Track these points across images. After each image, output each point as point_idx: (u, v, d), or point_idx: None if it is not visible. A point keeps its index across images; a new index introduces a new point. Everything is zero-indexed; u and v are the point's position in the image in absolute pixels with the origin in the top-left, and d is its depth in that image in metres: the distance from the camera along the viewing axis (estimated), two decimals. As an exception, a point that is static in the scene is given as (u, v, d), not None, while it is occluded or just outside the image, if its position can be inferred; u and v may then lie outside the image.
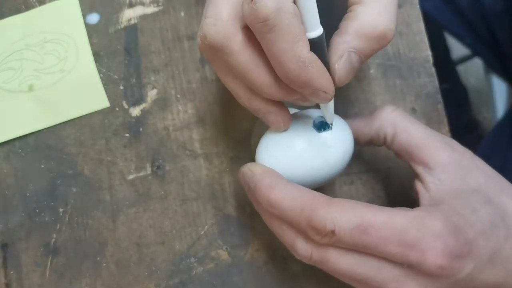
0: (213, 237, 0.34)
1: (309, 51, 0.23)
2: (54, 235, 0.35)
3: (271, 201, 0.26)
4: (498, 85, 0.90)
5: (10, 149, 0.36)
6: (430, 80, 0.36)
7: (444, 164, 0.27)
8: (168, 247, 0.34)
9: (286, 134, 0.28)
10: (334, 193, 0.35)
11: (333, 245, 0.25)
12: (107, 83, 0.37)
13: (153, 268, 0.34)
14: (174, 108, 0.36)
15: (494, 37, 0.62)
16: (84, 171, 0.36)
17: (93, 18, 0.38)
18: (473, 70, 1.07)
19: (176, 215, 0.35)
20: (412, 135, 0.28)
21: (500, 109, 0.88)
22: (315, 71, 0.23)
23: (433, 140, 0.28)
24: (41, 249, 0.35)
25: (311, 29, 0.24)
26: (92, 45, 0.37)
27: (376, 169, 0.35)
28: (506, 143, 0.59)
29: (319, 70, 0.24)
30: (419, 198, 0.28)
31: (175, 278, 0.34)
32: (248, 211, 0.35)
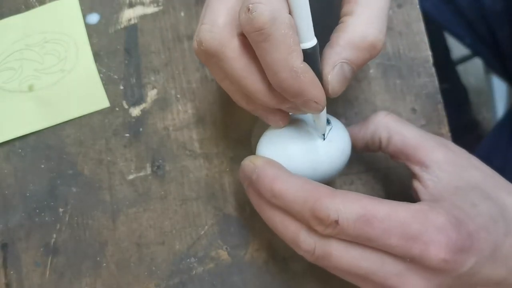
0: (213, 237, 0.34)
1: (302, 61, 0.23)
2: (54, 235, 0.35)
3: (275, 192, 0.26)
4: (498, 85, 0.90)
5: (10, 149, 0.36)
6: (430, 80, 0.36)
7: (440, 162, 0.28)
8: (168, 247, 0.34)
9: (288, 130, 0.29)
10: (334, 193, 0.35)
11: (336, 237, 0.25)
12: (107, 83, 0.37)
13: (153, 268, 0.34)
14: (174, 108, 0.36)
15: (494, 37, 0.62)
16: (84, 171, 0.36)
17: (93, 18, 0.38)
18: (473, 70, 1.07)
19: (176, 215, 0.35)
20: (406, 137, 0.29)
21: (500, 109, 0.88)
22: (307, 82, 0.24)
23: (428, 140, 0.29)
24: (41, 249, 0.35)
25: (305, 40, 0.24)
26: (92, 45, 0.37)
27: (376, 169, 0.35)
28: (506, 143, 0.59)
29: (311, 80, 0.24)
30: (418, 196, 0.28)
31: (175, 278, 0.34)
32: (248, 211, 0.35)
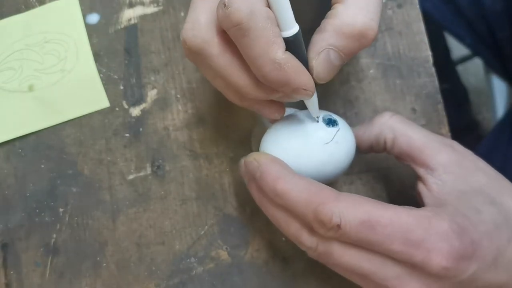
0: (213, 237, 0.34)
1: (284, 52, 0.23)
2: (54, 235, 0.35)
3: (278, 191, 0.26)
4: (498, 85, 0.89)
5: (10, 149, 0.36)
6: (430, 80, 0.36)
7: (446, 165, 0.27)
8: (168, 247, 0.34)
9: (294, 127, 0.29)
10: (334, 193, 0.35)
11: (338, 239, 0.25)
12: (107, 83, 0.37)
13: (153, 268, 0.34)
14: (174, 108, 0.36)
15: (494, 37, 0.62)
16: (84, 171, 0.36)
17: (93, 18, 0.38)
18: (473, 70, 1.07)
19: (176, 215, 0.35)
20: (412, 138, 0.29)
21: (500, 109, 0.88)
22: (291, 71, 0.24)
23: (433, 141, 0.28)
24: (41, 249, 0.35)
25: (286, 28, 0.24)
26: (92, 45, 0.37)
27: (376, 169, 0.35)
28: (506, 143, 0.59)
29: (295, 69, 0.24)
30: (422, 200, 0.28)
31: (175, 278, 0.34)
32: (248, 211, 0.35)
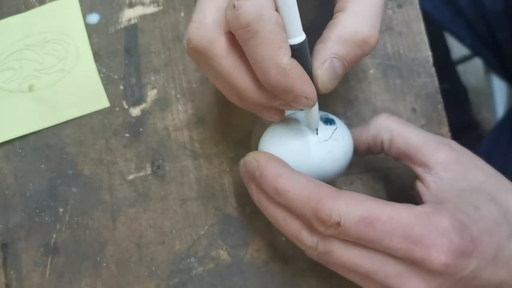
0: (213, 237, 0.34)
1: (290, 58, 0.23)
2: (54, 235, 0.35)
3: (278, 189, 0.26)
4: (498, 85, 0.89)
5: (10, 149, 0.36)
6: (430, 80, 0.36)
7: (444, 163, 0.27)
8: (168, 247, 0.34)
9: (293, 126, 0.29)
10: (334, 193, 0.35)
11: (338, 237, 0.25)
12: (107, 83, 0.37)
13: (153, 268, 0.34)
14: (174, 108, 0.36)
15: (494, 37, 0.62)
16: (84, 171, 0.36)
17: (93, 18, 0.38)
18: (473, 70, 1.07)
19: (176, 215, 0.35)
20: (409, 138, 0.29)
21: (500, 109, 0.88)
22: (296, 78, 0.24)
23: (431, 140, 0.28)
24: (41, 249, 0.35)
25: (293, 36, 0.24)
26: (92, 45, 0.37)
27: (376, 169, 0.35)
28: (506, 143, 0.59)
29: (300, 76, 0.24)
30: (421, 199, 0.28)
31: (175, 278, 0.34)
32: (248, 211, 0.35)
